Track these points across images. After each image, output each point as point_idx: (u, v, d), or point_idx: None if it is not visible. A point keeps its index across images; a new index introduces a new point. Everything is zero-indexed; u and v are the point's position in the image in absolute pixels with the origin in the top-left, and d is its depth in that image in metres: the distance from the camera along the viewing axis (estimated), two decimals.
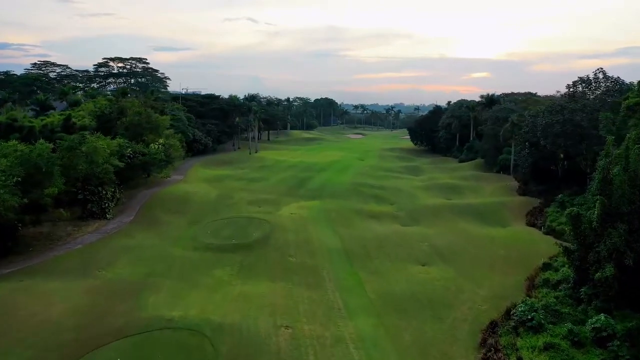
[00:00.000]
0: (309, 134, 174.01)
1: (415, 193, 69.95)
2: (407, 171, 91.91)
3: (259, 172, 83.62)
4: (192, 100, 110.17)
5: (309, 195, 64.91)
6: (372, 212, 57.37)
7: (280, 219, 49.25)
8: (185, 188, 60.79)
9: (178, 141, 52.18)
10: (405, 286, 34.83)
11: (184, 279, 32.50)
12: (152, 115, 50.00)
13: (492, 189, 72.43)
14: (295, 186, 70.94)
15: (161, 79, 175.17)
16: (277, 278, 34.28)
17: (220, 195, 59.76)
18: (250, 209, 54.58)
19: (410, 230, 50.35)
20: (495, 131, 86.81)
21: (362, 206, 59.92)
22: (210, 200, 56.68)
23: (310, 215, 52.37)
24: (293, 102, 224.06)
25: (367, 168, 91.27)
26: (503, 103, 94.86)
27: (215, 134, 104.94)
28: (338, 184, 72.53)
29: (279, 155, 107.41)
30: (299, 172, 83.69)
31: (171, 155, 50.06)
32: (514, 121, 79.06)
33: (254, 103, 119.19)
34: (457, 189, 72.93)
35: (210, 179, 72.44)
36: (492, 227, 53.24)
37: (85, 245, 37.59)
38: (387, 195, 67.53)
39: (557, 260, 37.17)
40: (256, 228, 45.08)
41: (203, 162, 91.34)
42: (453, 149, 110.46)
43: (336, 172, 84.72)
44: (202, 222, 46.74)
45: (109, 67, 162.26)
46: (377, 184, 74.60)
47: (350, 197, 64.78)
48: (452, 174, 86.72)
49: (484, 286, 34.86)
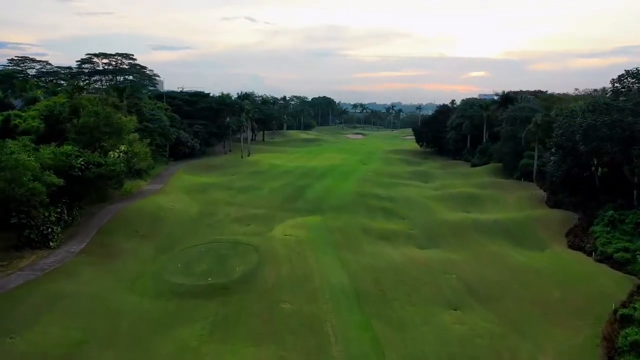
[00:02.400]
0: (306, 134, 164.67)
1: (429, 205, 60.83)
2: (416, 177, 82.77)
3: (251, 179, 74.32)
4: (179, 99, 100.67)
5: (307, 209, 55.71)
6: (382, 231, 48.23)
7: (271, 244, 40.01)
8: (160, 202, 51.45)
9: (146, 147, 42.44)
10: (438, 347, 25.74)
11: (134, 347, 23.25)
12: (113, 115, 40.42)
13: (516, 200, 63.39)
14: (291, 197, 61.72)
15: (150, 76, 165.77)
16: (265, 339, 25.10)
17: (202, 212, 50.45)
18: (236, 228, 45.33)
19: (431, 256, 41.26)
20: (514, 133, 77.78)
21: (370, 223, 50.77)
22: (189, 217, 47.35)
23: (309, 237, 43.17)
24: (290, 101, 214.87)
25: (371, 174, 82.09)
26: (521, 102, 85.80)
27: (203, 136, 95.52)
28: (340, 194, 63.35)
29: (274, 159, 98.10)
30: (295, 179, 74.46)
31: (135, 166, 40.33)
32: (538, 122, 70.07)
33: (246, 102, 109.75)
34: (476, 200, 63.83)
35: (193, 188, 63.08)
36: (528, 250, 44.27)
37: (4, 292, 28.01)
38: (397, 208, 58.40)
39: (636, 307, 28.15)
40: (241, 258, 35.80)
41: (188, 167, 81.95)
42: (463, 151, 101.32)
43: (337, 179, 75.50)
44: (174, 250, 37.41)
45: (93, 64, 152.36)
46: (385, 193, 65.44)
47: (355, 210, 55.60)
48: (467, 180, 77.64)
49: (545, 348, 25.78)
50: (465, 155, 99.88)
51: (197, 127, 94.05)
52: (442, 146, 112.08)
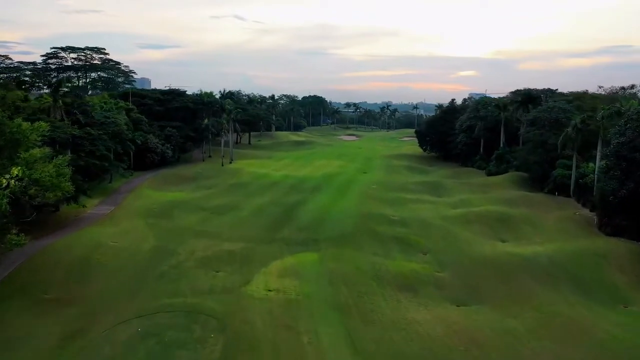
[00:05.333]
0: (297, 135, 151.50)
1: (452, 230, 48.32)
2: (426, 189, 70.19)
3: (229, 194, 61.22)
4: (150, 98, 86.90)
5: (299, 240, 42.89)
6: (401, 275, 35.55)
7: (247, 313, 27.02)
8: (101, 236, 38.23)
9: (65, 168, 28.75)
10: None
11: None
12: (6, 123, 26.83)
13: (558, 222, 51.17)
14: (278, 221, 48.83)
15: (126, 72, 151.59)
16: None
17: (158, 249, 37.22)
18: (200, 279, 32.25)
19: (479, 323, 28.65)
20: (543, 137, 65.72)
21: (384, 262, 38.04)
22: (135, 262, 34.09)
23: (302, 294, 30.28)
24: (279, 100, 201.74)
25: (373, 186, 69.37)
26: (547, 101, 73.75)
27: (177, 141, 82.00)
28: (340, 216, 50.61)
29: (260, 167, 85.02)
30: (284, 194, 61.61)
31: (37, 199, 26.98)
32: (579, 126, 57.98)
33: (228, 101, 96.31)
34: (508, 222, 51.40)
35: (154, 210, 49.82)
36: (605, 306, 32.03)
37: None
38: (413, 236, 45.78)
39: None
40: (194, 350, 22.72)
41: (156, 179, 68.62)
42: (476, 157, 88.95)
43: (335, 194, 62.72)
44: (92, 333, 24.07)
45: (61, 59, 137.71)
46: (395, 214, 52.82)
47: (361, 241, 42.89)
48: (488, 194, 65.26)
49: None
50: (477, 161, 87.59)
51: (169, 131, 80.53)
52: (449, 150, 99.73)
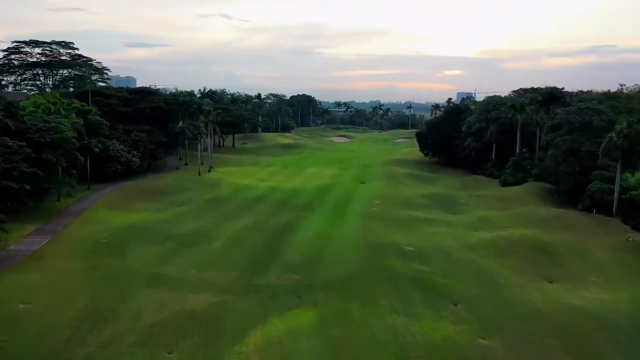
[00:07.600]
0: (285, 137, 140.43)
1: (483, 265, 38.11)
2: (437, 204, 59.92)
3: (203, 215, 50.33)
4: (115, 97, 75.37)
5: (288, 287, 32.24)
6: (434, 350, 25.08)
7: None
8: (11, 291, 27.18)
9: None
10: None
11: None
12: None
13: (610, 252, 41.39)
14: (261, 256, 38.13)
15: (99, 68, 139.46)
16: None
17: (88, 312, 26.20)
18: None
19: None
20: (576, 144, 55.96)
21: (406, 323, 27.54)
22: (49, 340, 23.11)
23: None
24: (266, 100, 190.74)
25: (377, 202, 58.93)
26: (575, 101, 64.05)
27: (146, 147, 70.69)
28: (341, 249, 40.12)
29: (243, 176, 74.11)
30: (270, 215, 50.91)
31: None
32: (625, 132, 48.22)
33: (206, 100, 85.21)
34: (549, 252, 41.33)
35: (102, 242, 38.69)
36: None
37: None
38: (435, 276, 35.37)
39: None
40: None
41: (118, 193, 57.40)
42: (487, 164, 79.14)
43: (331, 214, 52.18)
44: None
45: (24, 55, 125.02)
46: (408, 242, 42.47)
47: (372, 288, 32.39)
48: (510, 209, 55.18)
49: None
50: (489, 169, 77.79)
51: (136, 135, 69.18)
52: (454, 155, 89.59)
